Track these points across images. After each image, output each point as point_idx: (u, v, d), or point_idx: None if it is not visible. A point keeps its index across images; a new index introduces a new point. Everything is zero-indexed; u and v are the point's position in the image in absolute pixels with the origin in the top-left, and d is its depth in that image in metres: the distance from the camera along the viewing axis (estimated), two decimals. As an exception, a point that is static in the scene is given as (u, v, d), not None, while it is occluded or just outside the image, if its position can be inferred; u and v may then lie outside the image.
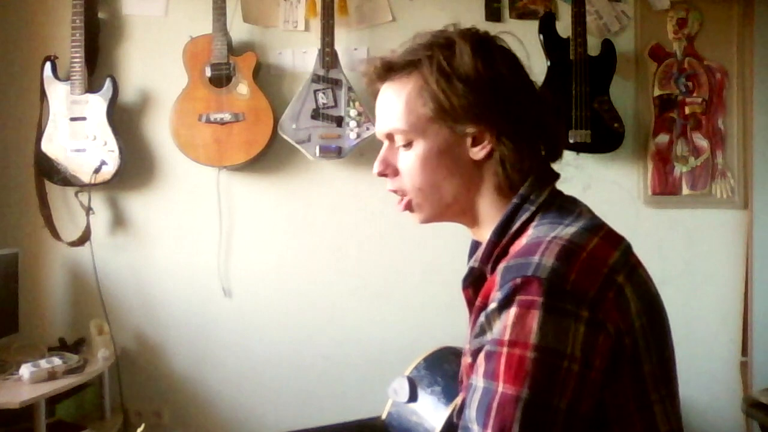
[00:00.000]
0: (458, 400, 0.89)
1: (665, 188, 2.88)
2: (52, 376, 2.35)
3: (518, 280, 0.86)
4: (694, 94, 2.89)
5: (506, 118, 0.99)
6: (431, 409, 1.22)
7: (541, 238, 0.92)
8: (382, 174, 1.07)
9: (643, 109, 2.89)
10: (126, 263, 2.88)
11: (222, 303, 2.88)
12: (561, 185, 1.08)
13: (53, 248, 2.86)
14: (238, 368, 2.88)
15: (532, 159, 1.02)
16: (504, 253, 0.97)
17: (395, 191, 1.07)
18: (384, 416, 1.31)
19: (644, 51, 2.89)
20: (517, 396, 0.82)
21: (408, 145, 1.03)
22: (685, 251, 2.89)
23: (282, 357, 2.88)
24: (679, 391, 1.00)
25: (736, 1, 2.89)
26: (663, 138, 2.88)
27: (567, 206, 1.01)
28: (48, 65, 2.74)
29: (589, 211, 1.04)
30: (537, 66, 2.78)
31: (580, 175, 2.85)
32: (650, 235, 2.88)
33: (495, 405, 0.83)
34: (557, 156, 1.08)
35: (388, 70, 1.03)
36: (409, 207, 1.06)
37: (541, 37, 2.76)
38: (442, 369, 1.19)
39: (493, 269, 0.96)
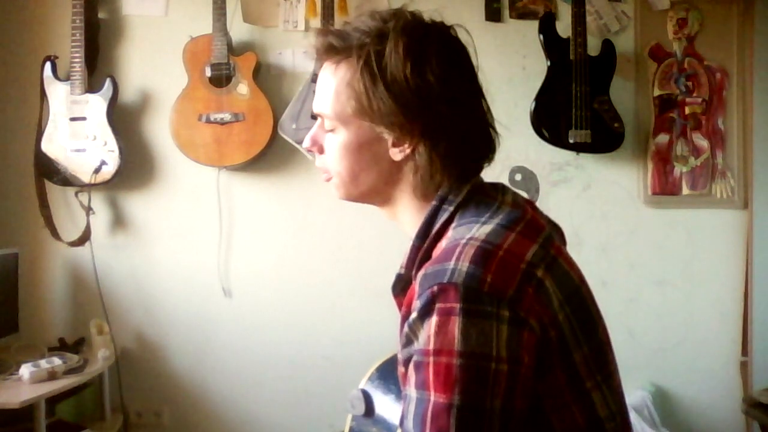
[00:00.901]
0: (401, 412, 0.89)
1: (665, 188, 2.88)
2: (52, 376, 2.35)
3: (435, 288, 0.86)
4: (694, 94, 2.89)
5: (426, 131, 0.97)
6: (390, 417, 1.24)
7: (457, 241, 0.91)
8: (309, 150, 1.08)
9: (643, 109, 2.89)
10: (126, 263, 2.88)
11: (222, 303, 2.88)
12: (561, 185, 1.08)
13: (53, 248, 2.86)
14: (238, 368, 2.88)
15: (451, 167, 0.99)
16: (427, 257, 0.97)
17: (321, 168, 1.07)
18: (346, 431, 1.31)
19: (644, 51, 2.88)
20: (450, 404, 0.82)
21: (333, 130, 1.02)
22: (685, 251, 2.89)
23: (282, 357, 2.88)
24: (617, 372, 0.99)
25: (736, 1, 2.89)
26: (663, 138, 2.88)
27: (485, 201, 0.99)
28: (48, 65, 2.74)
29: (513, 200, 1.02)
30: (537, 66, 2.79)
31: (580, 175, 2.86)
32: (650, 235, 2.88)
33: (429, 415, 0.83)
34: (485, 160, 1.04)
35: (328, 50, 1.01)
36: (329, 180, 1.07)
37: (541, 37, 2.76)
38: (395, 376, 1.20)
39: (417, 274, 0.95)
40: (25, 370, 2.32)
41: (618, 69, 2.78)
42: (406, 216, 1.05)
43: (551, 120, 2.72)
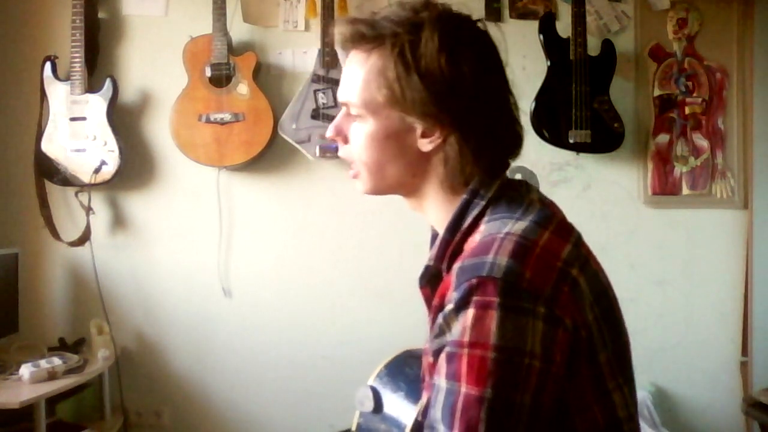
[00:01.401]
0: (423, 401, 0.89)
1: (665, 188, 2.88)
2: (52, 376, 2.35)
3: (474, 281, 0.86)
4: (694, 94, 2.89)
5: (457, 121, 0.97)
6: (398, 414, 1.23)
7: (493, 235, 0.92)
8: (333, 139, 1.07)
9: (643, 109, 2.89)
10: (126, 263, 2.88)
11: (222, 303, 2.88)
12: (561, 185, 1.08)
13: (53, 248, 2.86)
14: (238, 368, 2.88)
15: (480, 160, 0.99)
16: (458, 250, 0.97)
17: (345, 158, 1.07)
18: (354, 428, 1.31)
19: (644, 51, 2.89)
20: (481, 396, 0.82)
21: (359, 119, 1.02)
22: (685, 251, 2.89)
23: (282, 357, 2.88)
24: (634, 377, 1.01)
25: (736, 1, 2.89)
26: (663, 138, 2.88)
27: (516, 198, 0.99)
28: (48, 65, 2.74)
29: (540, 198, 1.02)
30: (537, 66, 2.78)
31: (580, 175, 2.86)
32: (650, 235, 2.89)
33: (459, 406, 0.83)
34: (512, 155, 1.05)
35: (357, 38, 1.00)
36: (357, 176, 1.06)
37: (541, 37, 2.76)
38: (404, 373, 1.20)
39: (449, 267, 0.95)
40: (25, 370, 2.32)
41: (618, 69, 2.78)
42: (432, 208, 1.05)
43: (551, 120, 2.72)
